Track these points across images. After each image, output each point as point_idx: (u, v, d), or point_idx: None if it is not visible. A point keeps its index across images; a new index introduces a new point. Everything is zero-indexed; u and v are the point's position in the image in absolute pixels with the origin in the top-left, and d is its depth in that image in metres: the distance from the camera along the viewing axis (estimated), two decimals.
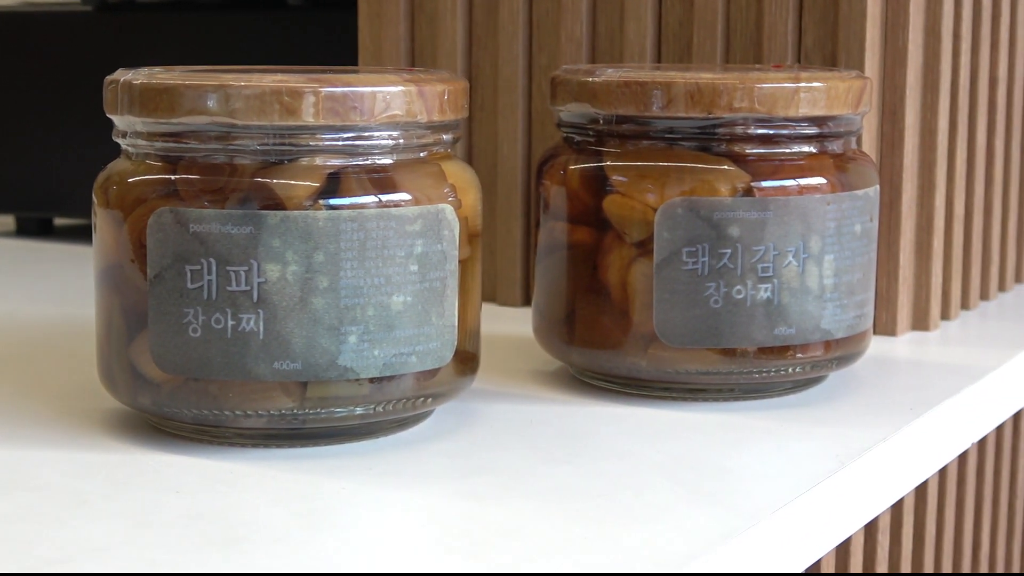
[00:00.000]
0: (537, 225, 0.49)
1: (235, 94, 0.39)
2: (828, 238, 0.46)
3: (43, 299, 0.65)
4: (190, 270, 0.40)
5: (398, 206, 0.40)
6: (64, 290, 0.67)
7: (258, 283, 0.39)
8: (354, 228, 0.40)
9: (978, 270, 0.62)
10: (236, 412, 0.40)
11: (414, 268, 0.41)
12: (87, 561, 0.33)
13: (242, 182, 0.40)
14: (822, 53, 0.55)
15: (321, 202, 0.40)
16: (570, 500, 0.38)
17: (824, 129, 0.47)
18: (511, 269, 0.61)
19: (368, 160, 0.41)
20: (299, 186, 0.40)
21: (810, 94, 0.46)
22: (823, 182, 0.46)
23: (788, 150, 0.46)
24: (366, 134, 0.40)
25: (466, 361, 0.43)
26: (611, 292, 0.46)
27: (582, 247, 0.47)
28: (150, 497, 0.38)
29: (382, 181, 0.40)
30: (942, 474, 0.62)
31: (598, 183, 0.47)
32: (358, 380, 0.40)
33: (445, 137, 0.43)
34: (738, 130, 0.46)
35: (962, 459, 0.64)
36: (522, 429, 0.44)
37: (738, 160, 0.46)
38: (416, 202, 0.41)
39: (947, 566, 0.63)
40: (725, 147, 0.46)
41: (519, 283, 0.61)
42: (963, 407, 0.49)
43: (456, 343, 0.42)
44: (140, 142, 0.41)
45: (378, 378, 0.41)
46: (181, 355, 0.40)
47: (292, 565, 0.33)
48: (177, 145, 0.40)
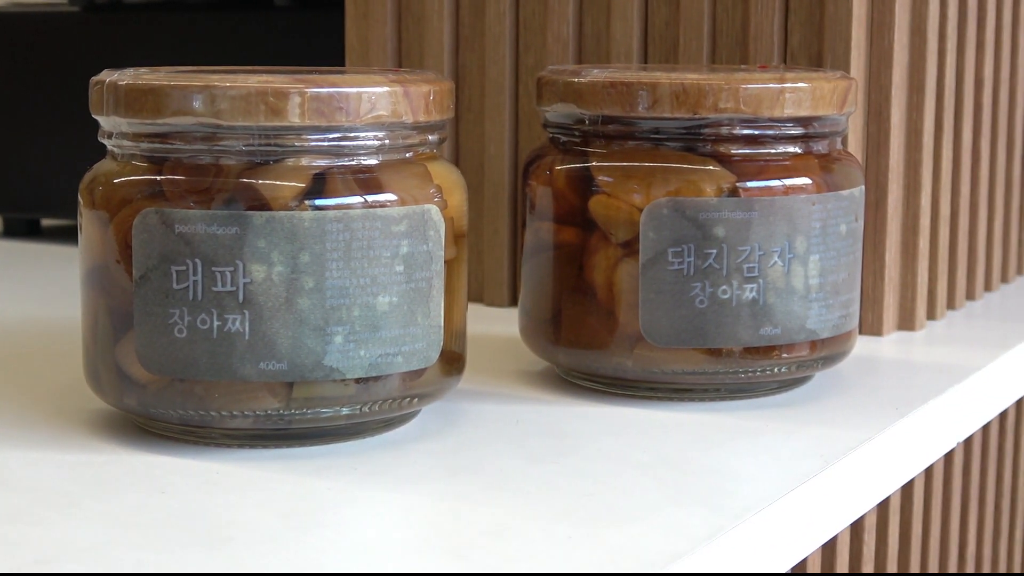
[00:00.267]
0: (523, 226, 0.50)
1: (220, 95, 0.39)
2: (813, 238, 0.46)
3: (30, 300, 0.65)
4: (176, 271, 0.40)
5: (384, 207, 0.40)
6: (51, 291, 0.67)
7: (244, 284, 0.39)
8: (340, 228, 0.40)
9: (964, 270, 0.62)
10: (222, 412, 0.40)
11: (400, 268, 0.41)
12: (73, 562, 0.33)
13: (228, 183, 0.40)
14: (808, 54, 0.55)
15: (307, 203, 0.40)
16: (556, 500, 0.38)
17: (809, 129, 0.47)
18: (498, 270, 0.62)
19: (354, 161, 0.41)
20: (285, 187, 0.40)
21: (795, 94, 0.46)
22: (808, 182, 0.46)
23: (773, 150, 0.46)
24: (352, 135, 0.40)
25: (452, 361, 0.43)
26: (597, 292, 0.46)
27: (568, 247, 0.47)
28: (136, 498, 0.38)
29: (368, 182, 0.40)
30: (928, 474, 0.62)
31: (584, 183, 0.47)
32: (344, 380, 0.40)
33: (431, 138, 0.43)
34: (723, 130, 0.46)
35: (948, 459, 0.64)
36: (508, 429, 0.44)
37: (723, 160, 0.46)
38: (402, 202, 0.41)
39: (933, 566, 0.64)
40: (710, 147, 0.46)
41: (506, 284, 0.62)
42: (948, 407, 0.49)
43: (442, 343, 0.42)
44: (126, 143, 0.41)
45: (364, 378, 0.41)
46: (167, 356, 0.40)
47: (278, 565, 0.33)
48: (163, 146, 0.40)
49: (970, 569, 0.68)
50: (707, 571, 0.35)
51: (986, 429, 0.69)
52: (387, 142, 0.41)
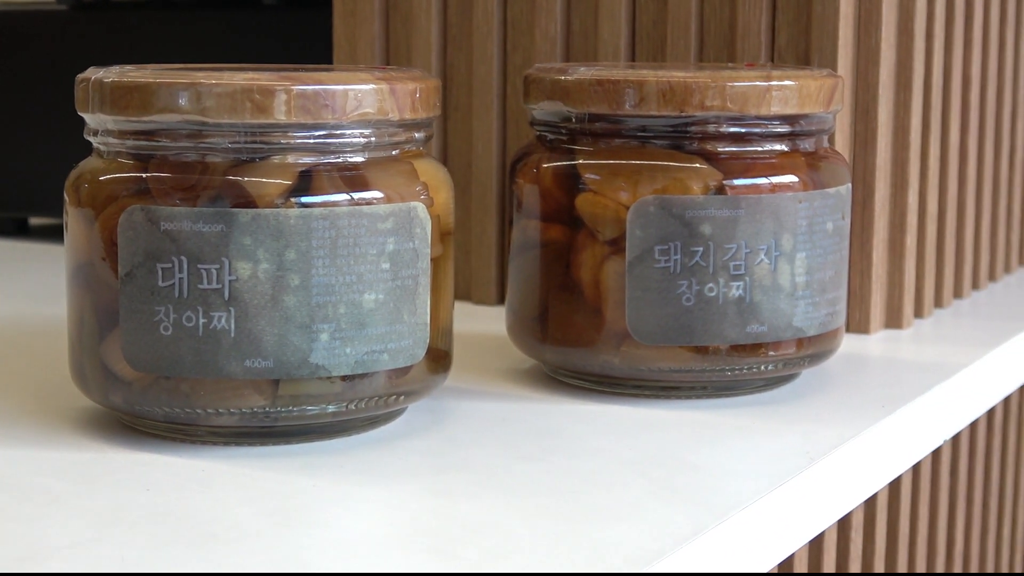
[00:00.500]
0: (511, 224, 0.50)
1: (206, 92, 0.39)
2: (800, 236, 0.46)
3: (17, 299, 0.64)
4: (161, 268, 0.40)
5: (370, 204, 0.40)
6: (39, 289, 0.67)
7: (229, 281, 0.39)
8: (326, 226, 0.40)
9: (951, 268, 0.63)
10: (208, 410, 0.40)
11: (386, 266, 0.41)
12: (57, 559, 0.33)
13: (213, 180, 0.39)
14: (795, 52, 0.55)
15: (293, 200, 0.40)
16: (541, 497, 0.38)
17: (796, 127, 0.47)
18: (486, 268, 0.61)
19: (340, 158, 0.41)
20: (271, 184, 0.40)
21: (782, 92, 0.46)
22: (795, 180, 0.46)
23: (760, 148, 0.46)
24: (338, 132, 0.40)
25: (438, 359, 0.43)
26: (584, 290, 0.46)
27: (555, 245, 0.47)
28: (121, 495, 0.37)
29: (354, 179, 0.40)
30: (916, 471, 0.62)
31: (571, 181, 0.47)
32: (330, 378, 0.40)
33: (417, 135, 0.43)
34: (710, 128, 0.46)
35: (936, 457, 0.64)
36: (495, 427, 0.44)
37: (710, 158, 0.46)
38: (388, 200, 0.41)
39: (921, 564, 0.64)
40: (697, 145, 0.46)
41: (494, 282, 0.62)
42: (935, 404, 0.49)
43: (428, 341, 0.42)
44: (111, 140, 0.41)
45: (350, 376, 0.41)
46: (152, 353, 0.40)
47: (264, 563, 0.33)
48: (148, 143, 0.40)
49: (958, 567, 0.68)
50: (693, 568, 0.35)
51: (974, 427, 0.69)
52: (373, 139, 0.41)
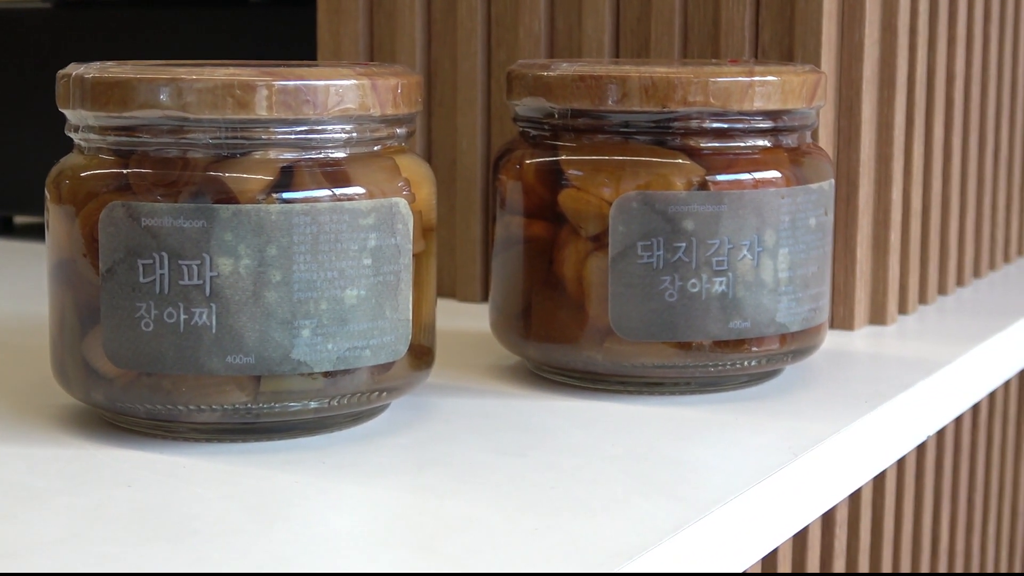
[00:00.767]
0: (494, 220, 0.49)
1: (187, 88, 0.39)
2: (783, 231, 0.46)
3: (1, 297, 0.64)
4: (142, 264, 0.39)
5: (351, 200, 0.40)
6: (22, 288, 0.66)
7: (210, 277, 0.39)
8: (307, 222, 0.40)
9: (935, 264, 0.63)
10: (189, 407, 0.40)
11: (368, 262, 0.41)
12: (38, 556, 0.33)
13: (195, 176, 0.39)
14: (779, 48, 0.55)
15: (274, 196, 0.39)
16: (523, 493, 0.38)
17: (779, 123, 0.47)
18: (470, 265, 0.61)
19: (321, 154, 0.40)
20: (252, 180, 0.39)
21: (764, 88, 0.46)
22: (777, 176, 0.46)
23: (743, 144, 0.46)
24: (319, 127, 0.40)
25: (421, 355, 0.43)
26: (567, 286, 0.46)
27: (538, 241, 0.47)
28: (103, 492, 0.37)
29: (335, 175, 0.40)
30: (900, 467, 0.62)
31: (553, 177, 0.47)
32: (312, 374, 0.40)
33: (399, 131, 0.43)
34: (693, 124, 0.46)
35: (921, 452, 0.64)
36: (477, 423, 0.44)
37: (693, 154, 0.46)
38: (370, 196, 0.41)
39: (906, 560, 0.64)
40: (680, 141, 0.46)
41: (478, 278, 0.61)
42: (919, 400, 0.49)
43: (411, 337, 0.42)
44: (92, 136, 0.41)
45: (332, 372, 0.41)
46: (134, 350, 0.40)
47: (245, 559, 0.33)
48: (129, 139, 0.40)
49: (943, 562, 0.68)
50: (675, 563, 0.35)
51: (959, 423, 0.69)
52: (355, 135, 0.41)
